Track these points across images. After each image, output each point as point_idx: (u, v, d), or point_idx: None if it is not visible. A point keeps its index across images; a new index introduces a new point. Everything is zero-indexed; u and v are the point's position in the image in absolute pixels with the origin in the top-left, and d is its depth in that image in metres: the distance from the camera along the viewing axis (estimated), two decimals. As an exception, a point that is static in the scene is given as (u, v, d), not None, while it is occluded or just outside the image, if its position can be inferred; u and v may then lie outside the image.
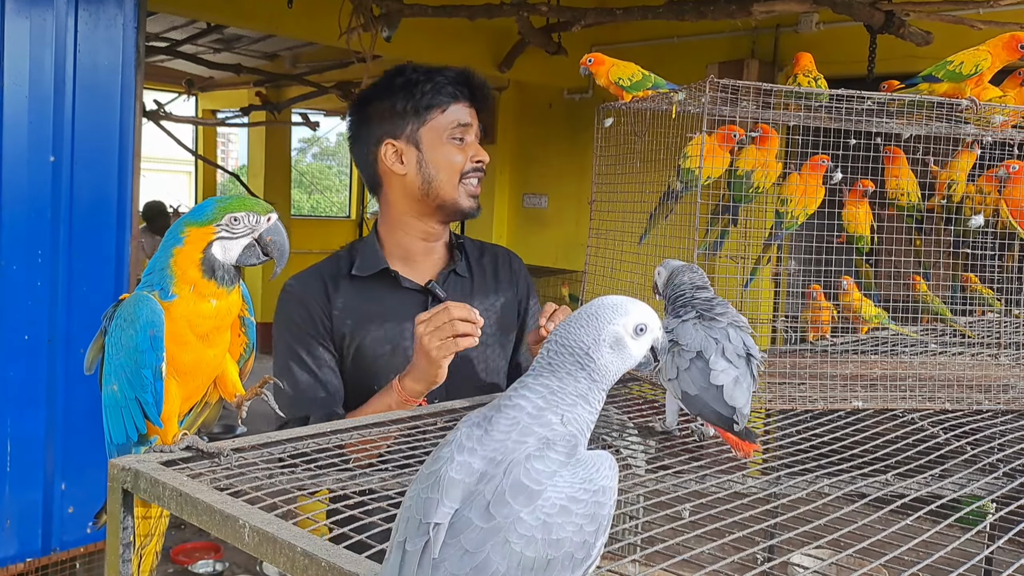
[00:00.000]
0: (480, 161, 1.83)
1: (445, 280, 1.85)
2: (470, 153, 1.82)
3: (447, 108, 1.81)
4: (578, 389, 0.82)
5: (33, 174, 3.29)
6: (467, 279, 1.88)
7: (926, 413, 1.54)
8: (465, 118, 1.82)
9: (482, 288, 1.89)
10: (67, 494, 3.50)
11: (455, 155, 1.81)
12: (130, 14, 3.48)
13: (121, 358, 1.14)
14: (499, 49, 6.86)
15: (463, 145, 1.82)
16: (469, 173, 1.82)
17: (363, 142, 1.87)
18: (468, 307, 1.58)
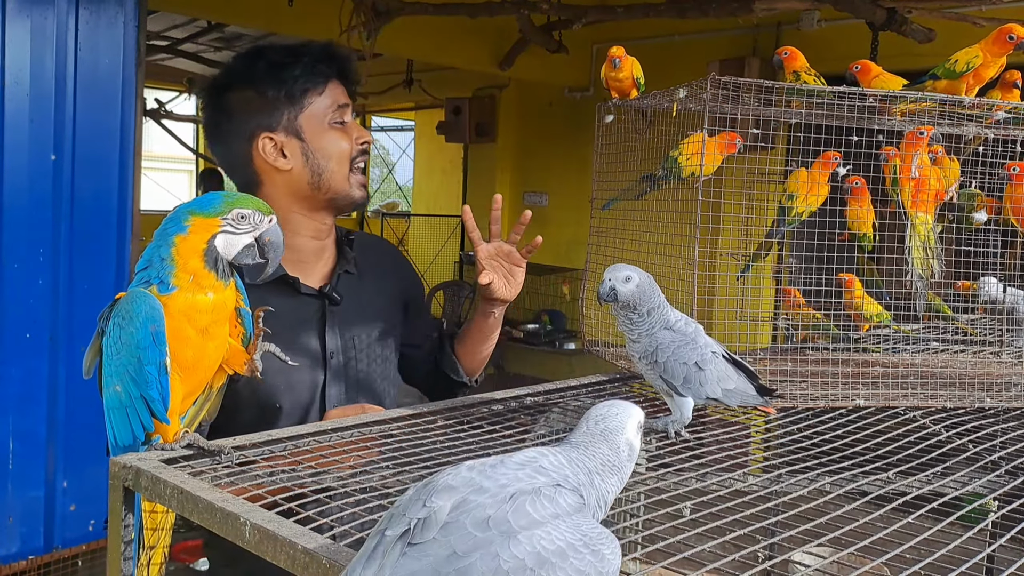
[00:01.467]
0: (365, 142, 1.68)
1: (338, 281, 1.70)
2: (354, 135, 1.67)
3: (323, 89, 1.64)
4: (595, 466, 0.81)
5: (34, 173, 3.30)
6: (356, 277, 1.74)
7: (928, 411, 1.54)
8: (342, 98, 1.66)
9: (371, 285, 1.77)
10: (69, 492, 3.50)
11: (340, 141, 1.65)
12: (131, 13, 3.49)
13: (123, 357, 1.14)
14: (500, 47, 6.85)
15: (345, 127, 1.66)
16: (357, 158, 1.67)
17: (228, 137, 1.67)
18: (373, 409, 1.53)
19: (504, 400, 1.53)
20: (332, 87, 1.65)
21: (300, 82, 1.63)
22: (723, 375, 1.36)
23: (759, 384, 1.39)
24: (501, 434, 1.38)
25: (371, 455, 1.28)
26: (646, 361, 1.39)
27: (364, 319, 1.71)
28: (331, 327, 1.66)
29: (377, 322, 1.74)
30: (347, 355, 1.67)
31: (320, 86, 1.64)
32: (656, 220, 1.82)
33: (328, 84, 1.65)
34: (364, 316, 1.72)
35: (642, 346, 1.39)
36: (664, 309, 1.39)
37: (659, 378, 1.38)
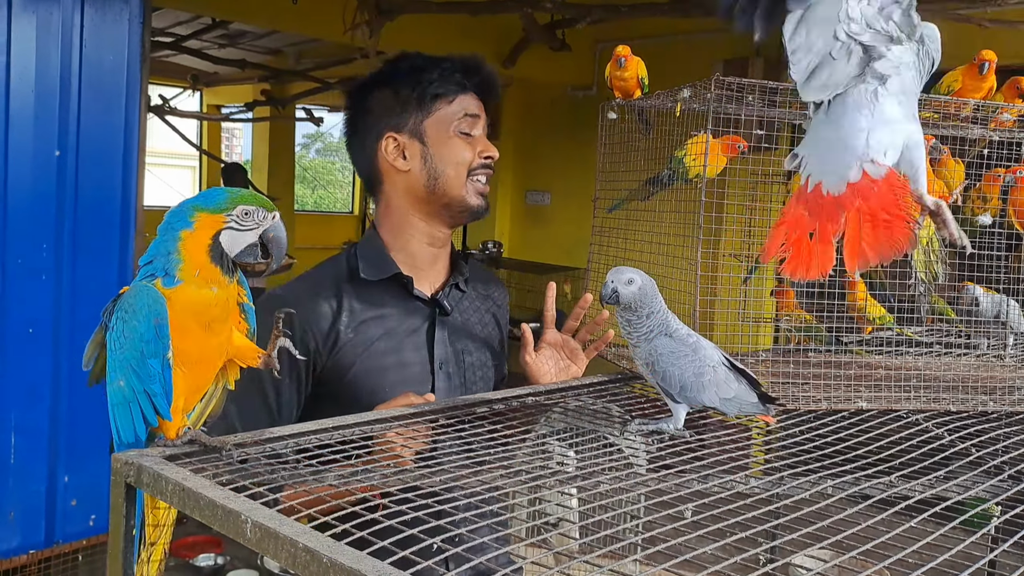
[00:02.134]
0: (489, 157, 1.70)
1: (449, 294, 1.73)
2: (478, 148, 1.68)
3: (454, 99, 1.67)
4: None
5: (38, 168, 3.30)
6: (464, 295, 1.76)
7: (931, 414, 1.54)
8: (473, 109, 1.68)
9: (477, 309, 1.79)
10: (70, 486, 3.51)
11: (462, 150, 1.67)
12: (135, 9, 3.49)
13: (126, 351, 1.14)
14: (503, 45, 6.86)
15: (471, 139, 1.68)
16: (477, 170, 1.68)
17: (361, 135, 1.73)
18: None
19: (505, 399, 1.53)
20: (465, 97, 1.68)
21: (432, 87, 1.67)
22: (721, 384, 1.37)
23: (760, 392, 1.39)
24: (502, 433, 1.38)
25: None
26: (646, 367, 1.40)
27: (471, 336, 1.72)
28: (440, 338, 1.68)
29: (483, 343, 1.75)
30: (457, 366, 1.69)
31: (452, 94, 1.67)
32: (659, 220, 1.83)
33: (460, 94, 1.68)
34: (471, 334, 1.72)
35: (642, 351, 1.39)
36: (665, 315, 1.40)
37: (657, 383, 1.39)
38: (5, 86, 3.20)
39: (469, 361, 1.71)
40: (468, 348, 1.72)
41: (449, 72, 1.68)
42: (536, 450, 1.43)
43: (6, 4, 3.17)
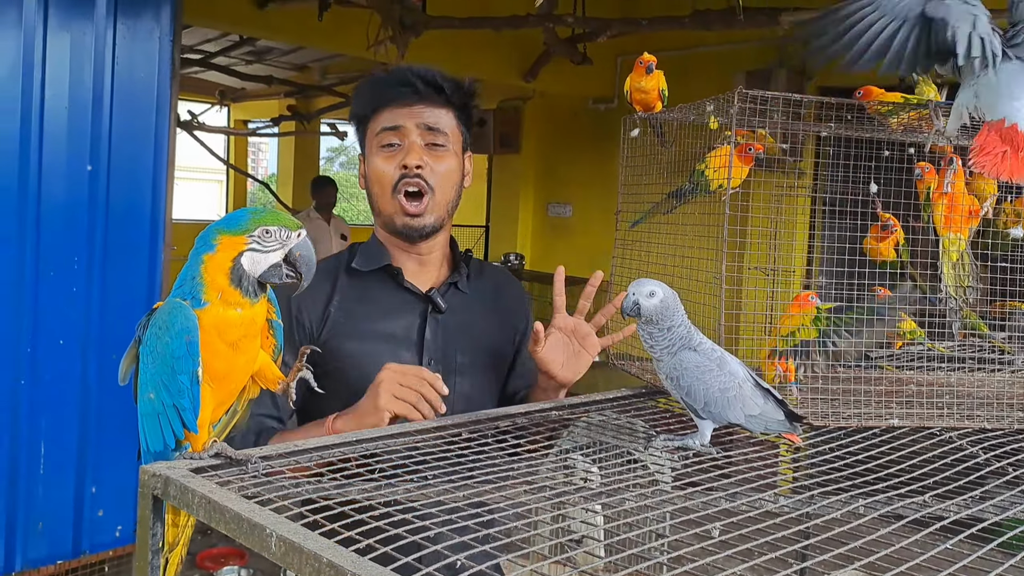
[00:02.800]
0: (406, 167, 1.60)
1: (446, 292, 1.71)
2: (399, 159, 1.62)
3: (378, 114, 1.64)
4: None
5: (71, 183, 3.36)
6: (467, 296, 1.73)
7: (965, 432, 1.51)
8: (394, 121, 1.62)
9: (481, 311, 1.75)
10: (97, 497, 3.54)
11: (380, 165, 1.63)
12: (166, 27, 3.54)
13: (157, 365, 1.15)
14: (524, 59, 6.88)
15: (393, 152, 1.62)
16: (398, 183, 1.62)
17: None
18: (441, 381, 1.44)
19: (528, 413, 1.52)
20: (390, 111, 1.64)
21: (358, 106, 1.68)
22: (747, 401, 1.35)
23: (787, 410, 1.37)
24: (526, 448, 1.37)
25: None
26: (670, 381, 1.39)
27: (467, 339, 1.69)
28: (432, 334, 1.66)
29: (481, 347, 1.70)
30: (446, 368, 1.64)
31: (375, 110, 1.65)
32: (682, 233, 1.81)
33: (387, 109, 1.64)
34: (468, 336, 1.69)
35: (665, 365, 1.38)
36: (687, 329, 1.39)
37: (682, 398, 1.38)
38: (40, 102, 3.26)
39: (461, 362, 1.67)
40: (462, 349, 1.68)
41: (373, 87, 1.67)
42: (560, 465, 1.42)
43: (42, 23, 3.23)
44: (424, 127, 1.63)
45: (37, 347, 3.31)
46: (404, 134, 1.62)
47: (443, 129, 1.64)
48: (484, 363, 1.72)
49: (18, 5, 3.17)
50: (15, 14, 3.16)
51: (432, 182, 1.63)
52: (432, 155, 1.63)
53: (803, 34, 1.42)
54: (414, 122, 1.62)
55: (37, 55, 3.23)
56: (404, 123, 1.62)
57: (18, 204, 3.24)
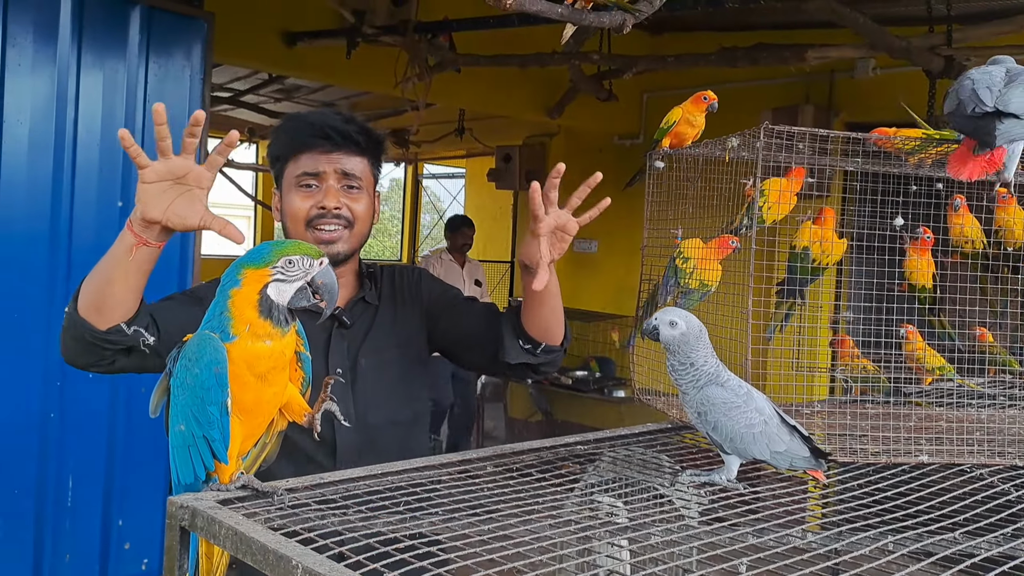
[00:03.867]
0: (323, 208, 1.78)
1: (353, 307, 1.85)
2: (316, 200, 1.79)
3: (296, 158, 1.81)
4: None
5: (102, 219, 3.41)
6: (374, 306, 1.88)
7: (995, 469, 1.49)
8: (315, 167, 1.80)
9: (387, 314, 1.89)
10: (124, 530, 3.55)
11: (298, 202, 1.80)
12: (197, 66, 3.61)
13: (187, 397, 1.17)
14: (550, 96, 6.93)
15: (311, 192, 1.80)
16: (315, 220, 1.78)
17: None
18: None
19: (553, 448, 1.52)
20: (309, 156, 1.80)
21: (277, 147, 1.85)
22: (772, 438, 1.34)
23: (812, 447, 1.36)
24: (551, 482, 1.37)
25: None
26: (697, 416, 1.38)
27: (374, 343, 1.83)
28: (336, 348, 1.80)
29: (390, 346, 1.85)
30: (353, 373, 1.79)
31: (294, 154, 1.81)
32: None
33: (305, 153, 1.80)
34: (375, 340, 1.84)
35: (692, 399, 1.38)
36: (713, 365, 1.38)
37: (707, 433, 1.38)
38: (72, 138, 3.33)
39: (369, 366, 1.81)
40: (365, 353, 1.82)
41: (292, 132, 1.84)
42: (585, 500, 1.41)
43: (75, 60, 3.31)
44: (341, 173, 1.81)
45: (66, 380, 3.35)
46: (323, 179, 1.80)
47: (357, 174, 1.82)
48: (392, 355, 1.86)
49: (52, 43, 3.25)
50: (50, 52, 3.24)
51: (349, 216, 1.81)
52: (348, 196, 1.81)
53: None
54: (332, 168, 1.80)
55: (71, 92, 3.31)
56: (323, 168, 1.80)
57: (49, 238, 3.29)
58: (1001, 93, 1.38)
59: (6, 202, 3.19)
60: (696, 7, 4.09)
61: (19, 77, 3.18)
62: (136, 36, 3.45)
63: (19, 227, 3.22)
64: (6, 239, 3.19)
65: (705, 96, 1.85)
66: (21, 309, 3.23)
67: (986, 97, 1.38)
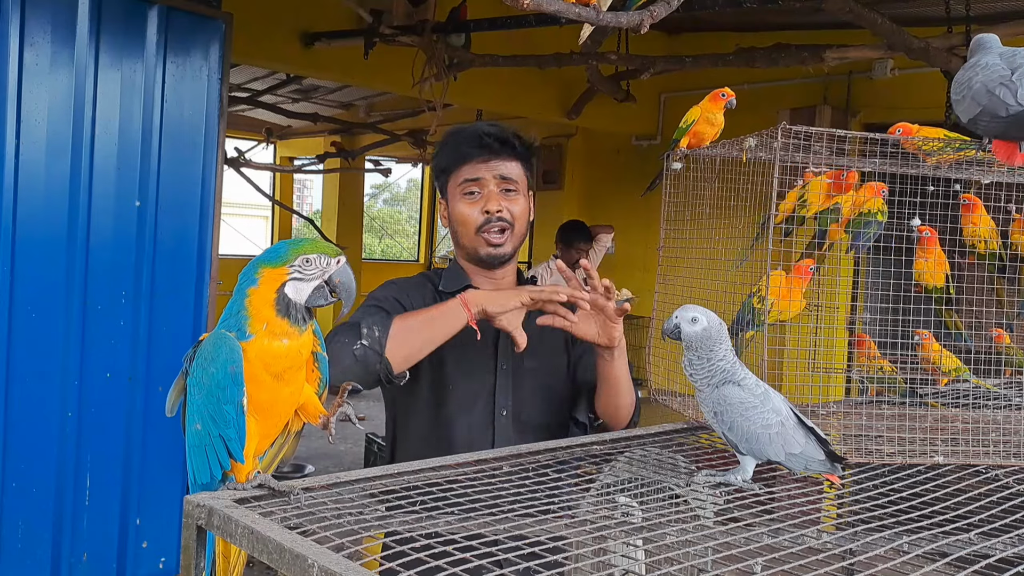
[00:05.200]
0: (487, 212, 1.92)
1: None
2: (480, 206, 1.92)
3: (459, 168, 1.94)
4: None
5: (119, 218, 3.43)
6: (530, 313, 1.89)
7: (1011, 470, 1.48)
8: (475, 174, 1.93)
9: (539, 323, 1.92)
10: (142, 529, 3.57)
11: (466, 209, 1.93)
12: (215, 66, 3.64)
13: (203, 396, 1.17)
14: (568, 97, 6.93)
15: (475, 199, 1.93)
16: (483, 226, 1.93)
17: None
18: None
19: (569, 448, 1.52)
20: (469, 166, 1.93)
21: (442, 160, 1.99)
22: (788, 439, 1.34)
23: (828, 450, 1.36)
24: (567, 482, 1.37)
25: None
26: (713, 415, 1.38)
27: (531, 346, 1.86)
28: (504, 341, 1.91)
29: (542, 353, 1.95)
30: (516, 371, 1.93)
31: (455, 166, 1.94)
32: (725, 269, 1.81)
33: (465, 164, 1.93)
34: (531, 343, 1.86)
35: (708, 398, 1.38)
36: (733, 362, 1.38)
37: (723, 433, 1.37)
38: (90, 139, 3.35)
39: (529, 366, 1.93)
40: (528, 356, 1.89)
41: (452, 146, 1.97)
42: (601, 500, 1.41)
43: (93, 61, 3.34)
44: (500, 177, 1.93)
45: (84, 380, 3.37)
46: (483, 184, 1.93)
47: (514, 177, 1.95)
48: (548, 365, 1.98)
49: (70, 43, 3.28)
50: (67, 52, 3.27)
51: (510, 219, 1.94)
52: (507, 199, 1.94)
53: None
54: (491, 174, 1.93)
55: (88, 93, 3.33)
56: (483, 175, 1.93)
57: (67, 238, 3.32)
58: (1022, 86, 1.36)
59: (24, 202, 3.22)
60: (714, 7, 4.09)
61: (37, 78, 3.21)
62: (154, 36, 3.47)
63: (37, 227, 3.25)
64: (24, 239, 3.22)
65: (723, 93, 1.85)
66: (39, 309, 3.27)
67: (1007, 97, 1.36)
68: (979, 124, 1.42)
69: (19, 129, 3.19)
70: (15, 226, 3.20)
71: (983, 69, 1.41)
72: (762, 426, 1.33)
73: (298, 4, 5.39)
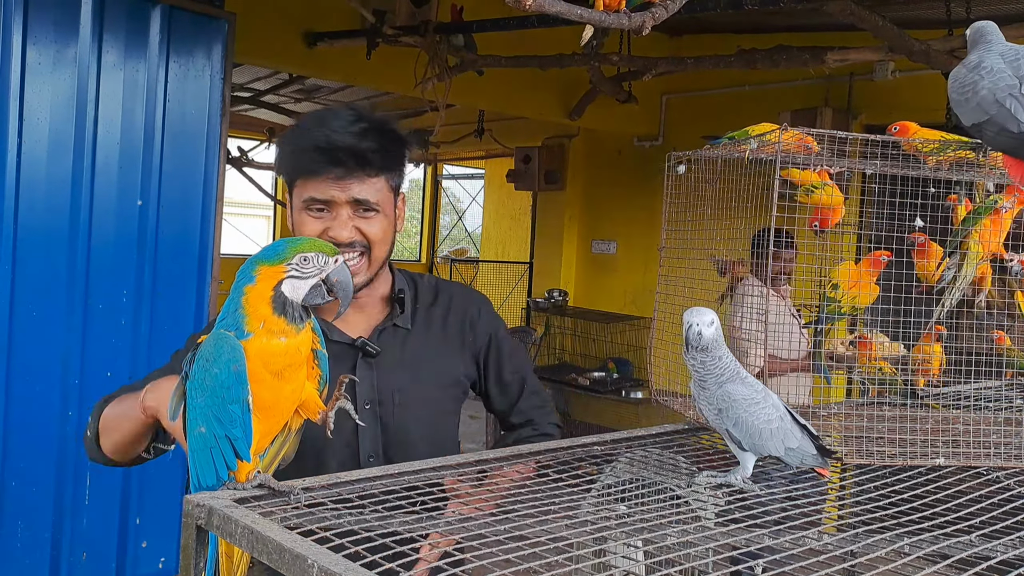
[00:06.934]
0: (336, 240, 1.57)
1: (380, 334, 1.70)
2: (327, 227, 1.60)
3: (305, 181, 1.61)
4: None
5: (121, 217, 3.44)
6: (407, 331, 1.73)
7: (1012, 472, 1.47)
8: (323, 194, 1.59)
9: (424, 341, 1.74)
10: (141, 528, 3.58)
11: (308, 226, 1.61)
12: (217, 66, 3.64)
13: (207, 397, 1.16)
14: (570, 97, 6.93)
15: (321, 217, 1.61)
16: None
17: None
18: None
19: (570, 448, 1.52)
20: (321, 182, 1.59)
21: (284, 167, 1.66)
22: (787, 434, 1.35)
23: (819, 444, 1.37)
24: (567, 483, 1.37)
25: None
26: (717, 412, 1.38)
27: (409, 374, 1.70)
28: (364, 376, 1.66)
29: (429, 377, 1.72)
30: (383, 407, 1.67)
31: (304, 178, 1.62)
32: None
33: (313, 179, 1.60)
34: (410, 371, 1.70)
35: (711, 395, 1.38)
36: (733, 360, 1.39)
37: (725, 430, 1.38)
38: (92, 138, 3.36)
39: (400, 400, 1.67)
40: (402, 386, 1.68)
41: (291, 154, 1.63)
42: (602, 501, 1.41)
43: (96, 60, 3.34)
44: (354, 201, 1.61)
45: (85, 379, 3.38)
46: (333, 207, 1.61)
47: (372, 200, 1.62)
48: (434, 396, 1.73)
49: (73, 42, 3.29)
50: (70, 51, 3.28)
51: (365, 244, 1.63)
52: (362, 220, 1.62)
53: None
54: (344, 196, 1.60)
55: (91, 91, 3.34)
56: (334, 196, 1.60)
57: (69, 237, 3.33)
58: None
59: (27, 201, 3.23)
60: (716, 9, 4.08)
61: (40, 76, 3.21)
62: (157, 36, 3.48)
63: (39, 226, 3.26)
64: (26, 238, 3.23)
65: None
66: (41, 307, 3.27)
67: (1018, 112, 1.31)
68: (985, 132, 1.39)
69: (21, 128, 3.19)
70: (17, 225, 3.20)
71: (988, 73, 1.38)
72: (764, 421, 1.34)
73: (301, 4, 5.39)
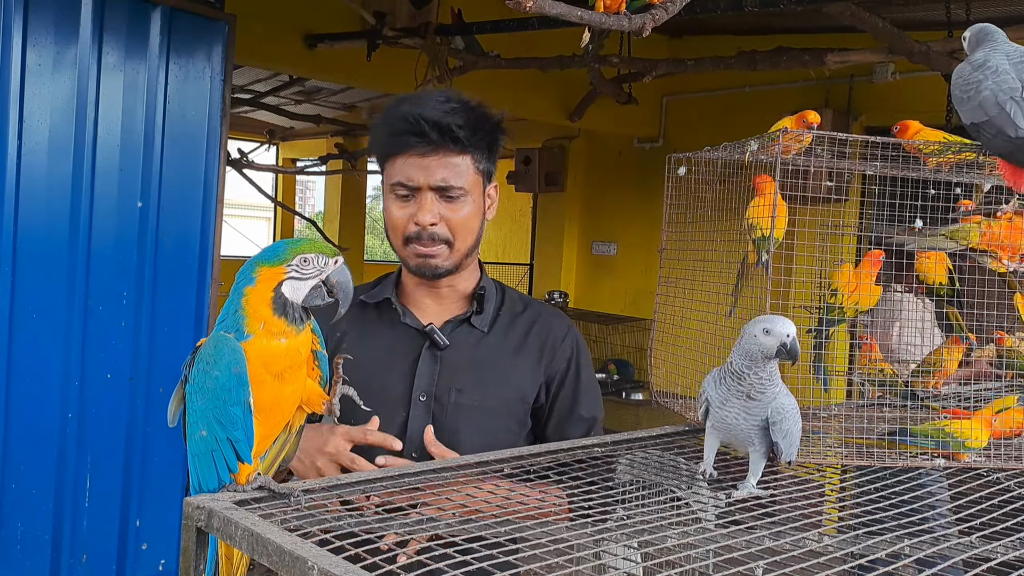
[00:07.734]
0: (419, 224, 1.55)
1: (453, 328, 1.66)
2: (412, 211, 1.56)
3: (392, 161, 1.58)
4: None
5: (121, 218, 3.44)
6: (483, 334, 1.67)
7: (1012, 473, 1.47)
8: (407, 175, 1.55)
9: (498, 348, 1.67)
10: (142, 531, 3.57)
11: (395, 212, 1.58)
12: (217, 67, 3.64)
13: (208, 400, 1.16)
14: (570, 99, 6.93)
15: (407, 202, 1.57)
16: (412, 239, 1.58)
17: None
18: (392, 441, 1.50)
19: (571, 450, 1.52)
20: (404, 160, 1.57)
21: (375, 147, 1.66)
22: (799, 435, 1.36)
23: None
24: (567, 485, 1.37)
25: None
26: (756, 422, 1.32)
27: (474, 377, 1.63)
28: (426, 368, 1.62)
29: (494, 388, 1.64)
30: (440, 402, 1.61)
31: (391, 156, 1.59)
32: (727, 271, 1.81)
33: (400, 156, 1.57)
34: (475, 375, 1.64)
35: (760, 406, 1.32)
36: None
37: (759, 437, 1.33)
38: (92, 140, 3.36)
39: (457, 400, 1.61)
40: (464, 387, 1.62)
41: (381, 133, 1.59)
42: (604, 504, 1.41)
43: (96, 62, 3.34)
44: (437, 186, 1.56)
45: (85, 381, 3.38)
46: (418, 193, 1.57)
47: (456, 183, 1.57)
48: (495, 405, 1.64)
49: (73, 44, 3.28)
50: (70, 53, 3.27)
51: (447, 235, 1.59)
52: (447, 206, 1.58)
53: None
54: (427, 180, 1.56)
55: (91, 93, 3.34)
56: (416, 179, 1.56)
57: (69, 238, 3.32)
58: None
59: (26, 203, 3.22)
60: (716, 11, 4.08)
61: (40, 78, 3.21)
62: (157, 38, 3.48)
63: (39, 228, 3.25)
64: (26, 240, 3.22)
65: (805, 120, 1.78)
66: (40, 310, 3.27)
67: (1017, 117, 1.30)
68: (983, 133, 1.38)
69: (21, 130, 3.19)
70: (17, 227, 3.20)
71: (993, 74, 1.37)
72: (800, 429, 1.34)
73: (301, 6, 5.40)
